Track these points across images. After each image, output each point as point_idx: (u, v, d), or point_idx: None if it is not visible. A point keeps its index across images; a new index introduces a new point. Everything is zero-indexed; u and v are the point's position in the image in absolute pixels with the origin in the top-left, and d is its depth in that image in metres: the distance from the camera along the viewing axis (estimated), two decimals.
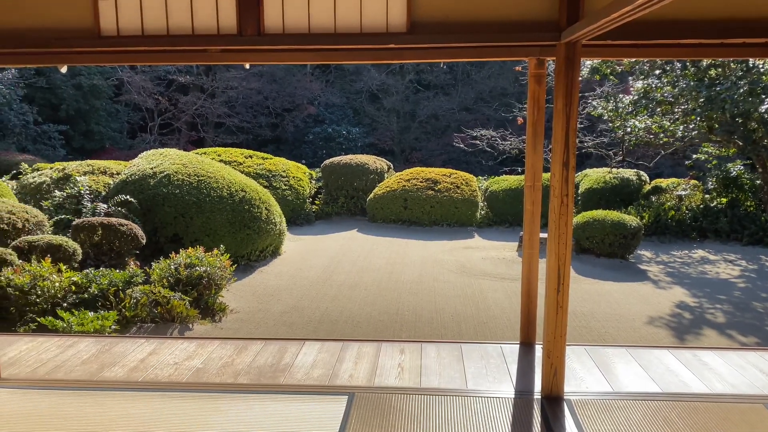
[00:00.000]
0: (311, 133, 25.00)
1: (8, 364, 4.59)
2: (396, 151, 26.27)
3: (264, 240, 10.18)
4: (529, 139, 4.72)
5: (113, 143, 24.38)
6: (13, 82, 20.69)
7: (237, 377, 4.38)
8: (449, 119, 26.22)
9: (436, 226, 13.90)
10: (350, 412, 3.83)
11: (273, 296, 8.26)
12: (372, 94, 27.35)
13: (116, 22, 3.81)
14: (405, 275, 9.34)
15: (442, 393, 4.12)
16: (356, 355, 4.75)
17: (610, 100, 13.35)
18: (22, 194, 11.26)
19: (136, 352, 4.88)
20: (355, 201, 15.25)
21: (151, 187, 9.78)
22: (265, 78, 25.86)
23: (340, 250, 11.23)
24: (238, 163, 14.33)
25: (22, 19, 3.89)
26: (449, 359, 4.69)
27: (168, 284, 7.21)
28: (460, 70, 27.56)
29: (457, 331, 6.78)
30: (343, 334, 6.66)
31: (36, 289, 6.35)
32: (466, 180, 14.56)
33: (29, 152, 19.89)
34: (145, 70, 24.40)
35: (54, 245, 7.29)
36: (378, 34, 3.74)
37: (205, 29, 3.81)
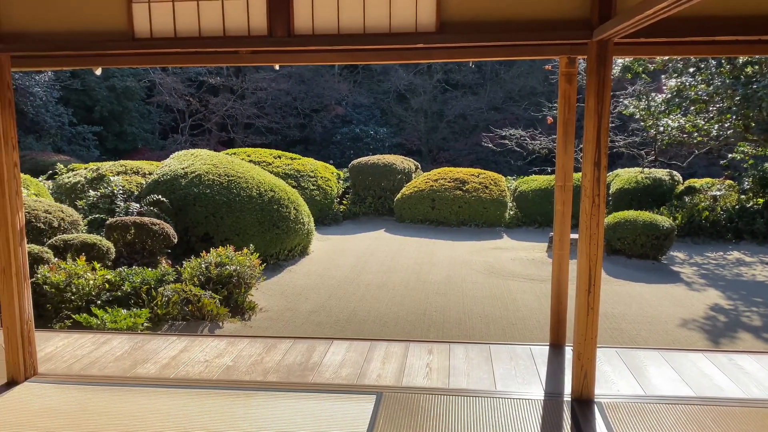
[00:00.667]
0: (339, 134, 25.11)
1: (45, 359, 4.71)
2: (423, 151, 26.23)
3: (292, 239, 10.26)
4: (560, 138, 4.67)
5: (145, 144, 24.82)
6: (49, 85, 21.20)
7: (266, 375, 4.42)
8: (477, 119, 26.07)
9: (464, 226, 13.84)
10: (378, 411, 3.83)
11: (301, 295, 8.32)
12: (399, 94, 27.35)
13: (149, 24, 3.87)
14: (433, 275, 9.32)
15: (471, 394, 4.10)
16: (384, 355, 4.75)
17: (642, 99, 13.13)
18: (58, 194, 11.54)
19: (167, 349, 4.95)
20: (383, 201, 15.27)
21: (183, 187, 9.93)
22: (293, 79, 26.06)
23: (367, 250, 11.26)
24: (267, 164, 14.47)
25: (59, 22, 3.98)
26: (478, 360, 4.66)
27: (199, 283, 7.32)
28: (488, 69, 27.39)
29: (485, 332, 6.74)
30: (371, 334, 6.67)
31: (71, 286, 6.49)
32: (494, 180, 14.47)
33: (64, 153, 20.36)
34: (177, 72, 24.78)
35: (88, 244, 7.45)
36: (407, 33, 3.74)
37: (235, 31, 3.86)
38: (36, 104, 20.47)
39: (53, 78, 21.52)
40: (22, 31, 4.00)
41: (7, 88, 4.02)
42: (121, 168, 11.87)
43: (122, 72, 23.77)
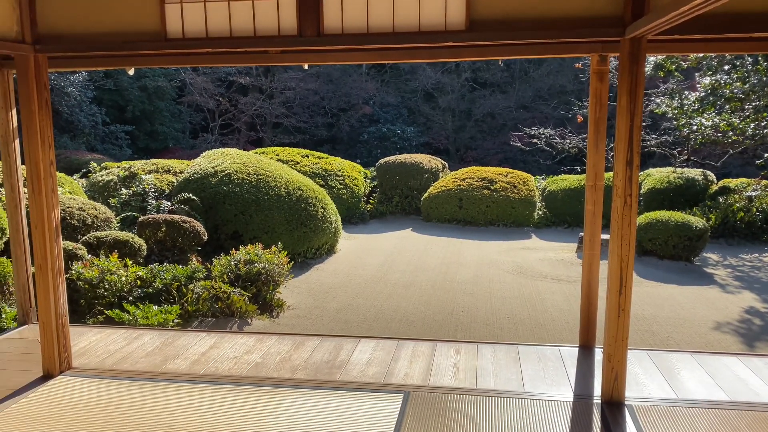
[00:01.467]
0: (366, 133, 25.15)
1: (79, 354, 4.81)
2: (451, 150, 26.12)
3: (320, 238, 10.31)
4: (591, 137, 4.61)
5: (176, 143, 25.19)
6: (83, 85, 21.65)
7: (294, 372, 4.45)
8: (506, 117, 25.87)
9: (492, 226, 13.75)
10: (406, 410, 3.83)
11: (329, 293, 8.36)
12: (427, 93, 27.28)
13: (182, 24, 3.93)
14: (460, 275, 9.28)
15: (499, 394, 4.07)
16: (411, 354, 4.75)
17: (675, 97, 12.87)
18: (91, 192, 11.77)
19: (197, 345, 5.02)
20: (410, 200, 15.25)
21: (213, 186, 10.05)
22: (321, 79, 26.18)
23: (394, 249, 11.26)
24: (295, 163, 14.56)
25: (94, 23, 4.06)
26: (506, 361, 4.63)
27: (228, 280, 7.40)
28: (517, 68, 27.16)
29: (513, 332, 6.69)
30: (398, 333, 6.68)
31: (104, 282, 6.62)
32: (523, 179, 14.34)
33: (98, 152, 20.77)
34: (207, 72, 25.09)
35: (121, 241, 7.59)
36: (436, 32, 3.73)
37: (266, 31, 3.89)
38: (71, 104, 20.92)
39: (87, 78, 21.97)
40: (59, 32, 4.09)
41: (44, 88, 4.12)
42: (153, 167, 12.06)
43: (154, 72, 24.15)
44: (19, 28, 4.03)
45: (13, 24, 4.02)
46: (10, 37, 4.00)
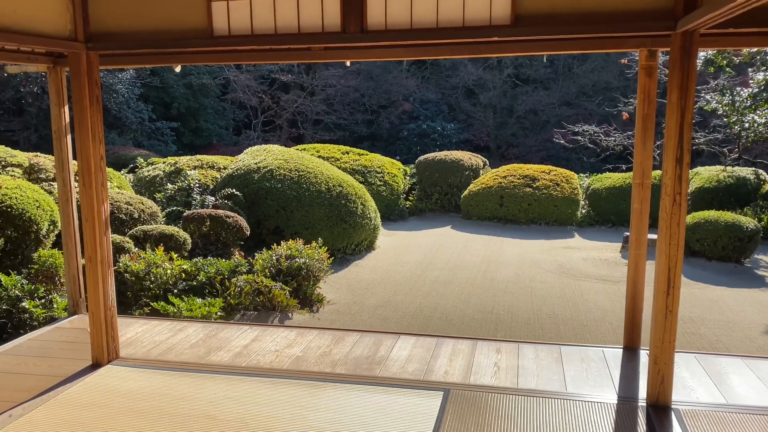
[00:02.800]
0: (406, 130, 25.11)
1: (126, 344, 4.94)
2: (492, 147, 25.86)
3: (359, 234, 10.35)
4: (638, 134, 4.50)
5: (220, 139, 25.62)
6: (131, 82, 22.21)
7: (334, 367, 4.48)
8: (549, 114, 25.47)
9: (534, 224, 13.56)
10: (446, 407, 3.82)
11: (368, 290, 8.38)
12: (468, 89, 27.05)
13: (227, 22, 3.98)
14: (500, 274, 9.19)
15: (540, 395, 4.01)
16: (451, 352, 4.72)
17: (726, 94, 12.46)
18: (138, 186, 12.08)
19: (240, 338, 5.10)
20: (449, 197, 15.17)
21: (255, 182, 10.19)
22: (362, 76, 26.25)
23: (433, 247, 11.22)
24: (335, 159, 14.65)
25: (143, 22, 4.16)
26: (547, 361, 4.56)
27: (270, 274, 7.50)
28: (561, 64, 26.70)
29: (555, 332, 6.59)
30: (437, 330, 6.65)
31: (150, 275, 6.79)
32: (566, 177, 14.10)
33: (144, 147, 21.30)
34: (250, 70, 25.43)
35: (166, 234, 7.76)
36: (481, 27, 3.68)
37: (310, 28, 3.91)
38: (119, 101, 21.49)
39: (135, 76, 22.52)
40: (110, 30, 4.20)
41: (95, 85, 4.24)
42: (198, 162, 12.30)
43: (199, 70, 24.60)
44: (72, 27, 4.15)
45: (67, 23, 4.14)
46: (64, 36, 4.12)
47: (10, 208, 6.62)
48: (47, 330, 5.31)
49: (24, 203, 6.77)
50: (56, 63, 5.13)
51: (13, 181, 7.14)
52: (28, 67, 5.45)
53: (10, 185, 6.91)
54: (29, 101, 20.19)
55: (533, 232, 12.89)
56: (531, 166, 14.73)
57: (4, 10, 3.69)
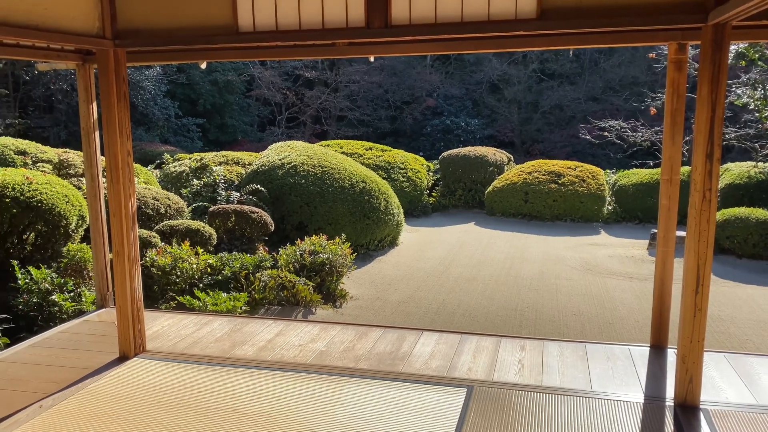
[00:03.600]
0: (429, 125, 25.02)
1: (152, 337, 5.01)
2: (516, 143, 25.65)
3: (382, 230, 10.35)
4: (667, 129, 4.42)
5: (244, 136, 25.83)
6: (157, 79, 22.49)
7: (358, 362, 4.49)
8: (574, 110, 25.16)
9: (559, 221, 13.42)
10: (469, 404, 3.80)
11: (390, 285, 8.38)
12: (492, 84, 26.85)
13: (252, 18, 4.00)
14: (525, 271, 9.12)
15: (565, 393, 3.97)
16: (475, 349, 4.70)
17: (758, 88, 12.16)
18: (165, 182, 12.23)
19: (264, 332, 5.14)
20: (473, 193, 15.09)
21: (280, 177, 10.26)
22: (385, 71, 26.21)
23: (456, 243, 11.17)
24: (358, 155, 14.66)
25: (169, 18, 4.19)
26: (572, 358, 4.52)
27: (293, 269, 7.54)
28: (587, 58, 26.35)
29: (580, 330, 6.52)
30: (460, 327, 6.63)
31: (176, 269, 6.87)
32: (592, 173, 13.92)
33: (170, 143, 21.56)
34: (274, 66, 25.57)
35: (192, 230, 7.85)
36: (506, 21, 3.64)
37: (334, 23, 3.91)
38: (146, 98, 21.78)
39: (161, 73, 22.79)
40: (137, 27, 4.25)
41: (122, 82, 4.29)
42: (223, 158, 12.41)
43: (224, 66, 24.81)
44: (101, 24, 4.21)
45: (95, 20, 4.20)
46: (92, 33, 4.18)
47: (40, 203, 6.75)
48: (76, 323, 5.40)
49: (54, 198, 6.89)
50: (85, 60, 5.20)
51: (44, 177, 7.27)
52: (57, 64, 5.53)
53: (40, 180, 7.04)
54: (59, 98, 20.57)
55: (558, 228, 12.76)
56: (556, 162, 14.58)
57: (35, 9, 3.75)
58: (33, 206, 6.69)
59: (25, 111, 21.04)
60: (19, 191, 6.69)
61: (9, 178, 6.82)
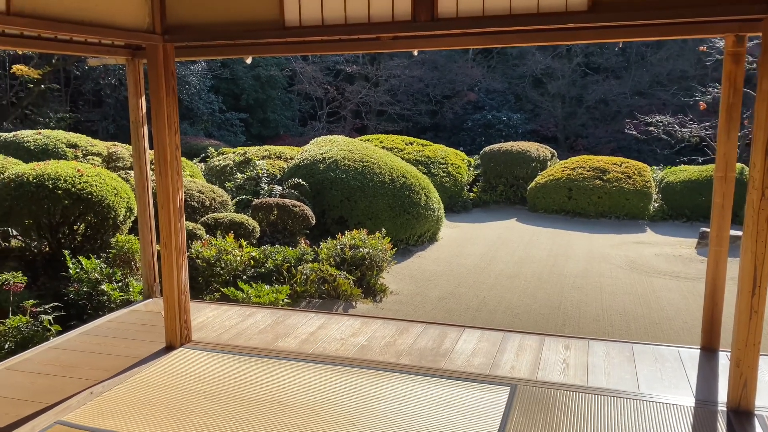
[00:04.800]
0: (470, 120, 24.80)
1: (198, 328, 5.10)
2: (559, 138, 25.21)
3: (422, 225, 10.32)
4: (722, 124, 4.26)
5: (286, 130, 26.07)
6: (202, 74, 22.87)
7: (399, 357, 4.48)
8: (620, 104, 24.57)
9: (603, 218, 13.14)
10: (513, 403, 3.75)
11: (430, 281, 8.35)
12: (535, 78, 26.42)
13: (299, 13, 4.01)
14: (568, 268, 8.96)
15: (611, 394, 3.88)
16: (518, 347, 4.64)
17: None
18: (209, 175, 12.44)
19: (306, 325, 5.18)
20: (515, 189, 14.91)
21: (321, 172, 10.32)
22: (426, 66, 26.07)
23: (498, 239, 11.06)
24: (398, 150, 14.64)
25: (217, 14, 4.24)
26: (619, 359, 4.41)
27: (334, 263, 7.58)
28: (633, 52, 25.68)
29: (625, 330, 6.38)
30: (502, 325, 6.55)
31: (220, 261, 6.98)
32: (638, 170, 13.58)
33: (214, 138, 21.91)
34: (316, 61, 25.71)
35: (236, 222, 7.96)
36: (557, 13, 3.55)
37: (380, 17, 3.88)
38: (191, 92, 22.17)
39: (206, 68, 23.17)
40: (185, 22, 4.31)
41: (171, 76, 4.37)
42: (266, 152, 12.56)
43: (267, 61, 25.06)
44: (150, 20, 4.28)
45: (145, 16, 4.28)
46: (142, 29, 4.26)
47: (90, 195, 6.94)
48: (124, 312, 5.54)
49: (103, 190, 7.08)
50: (134, 55, 5.31)
51: (94, 169, 7.48)
52: (107, 59, 5.66)
53: (90, 173, 7.25)
54: (107, 92, 21.13)
55: (603, 226, 12.50)
56: (601, 158, 14.28)
57: (88, 5, 3.84)
58: (84, 198, 6.89)
59: (76, 105, 21.69)
60: (71, 183, 6.89)
61: (61, 170, 7.03)
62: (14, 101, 19.52)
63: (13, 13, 3.31)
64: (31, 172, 6.96)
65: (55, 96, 20.88)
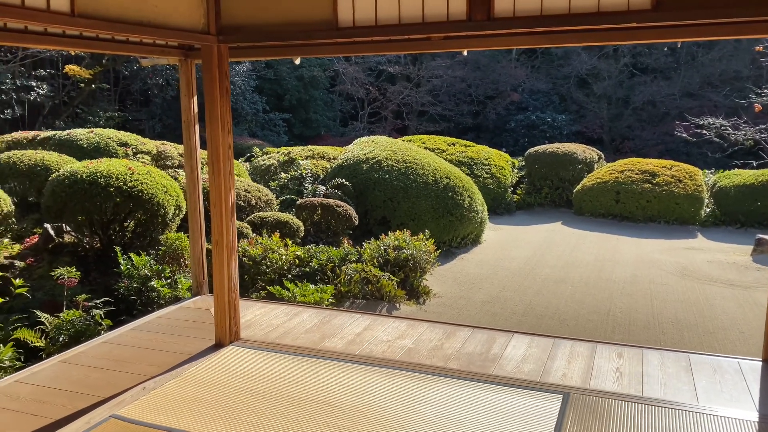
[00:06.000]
0: (513, 121, 24.50)
1: (245, 326, 5.14)
2: (605, 139, 24.68)
3: (465, 227, 10.22)
4: None
5: (327, 130, 26.22)
6: (247, 75, 23.18)
7: (447, 361, 4.43)
8: (668, 106, 23.92)
9: (652, 222, 12.79)
10: (566, 411, 3.65)
11: (474, 284, 8.26)
12: (580, 79, 25.92)
13: (352, 13, 4.00)
14: (616, 274, 8.74)
15: (668, 405, 3.75)
16: (569, 354, 4.53)
17: None
18: (254, 175, 12.59)
19: (352, 326, 5.17)
20: (560, 192, 14.65)
21: (364, 172, 10.32)
22: (469, 66, 25.86)
23: (543, 243, 10.87)
24: (441, 151, 14.55)
25: (270, 14, 4.26)
26: (675, 369, 4.26)
27: (377, 264, 7.56)
28: (684, 52, 24.95)
29: (678, 339, 6.18)
30: (549, 330, 6.43)
31: (266, 260, 7.04)
32: (689, 173, 13.18)
33: (258, 137, 22.18)
34: (358, 62, 25.78)
35: (281, 221, 8.02)
36: (618, 12, 3.45)
37: (434, 17, 3.84)
38: (235, 93, 22.47)
39: (250, 68, 23.47)
40: (239, 23, 4.34)
41: (225, 76, 4.40)
42: (309, 152, 12.64)
43: (310, 62, 25.25)
44: (206, 21, 4.33)
45: (201, 17, 4.33)
46: (198, 29, 4.31)
47: (141, 192, 7.08)
48: (173, 309, 5.63)
49: (153, 188, 7.21)
50: (187, 56, 5.38)
51: (144, 168, 7.63)
52: (160, 59, 5.75)
53: (141, 171, 7.39)
54: (155, 92, 21.59)
55: (651, 230, 12.17)
56: (651, 161, 13.91)
57: (146, 6, 3.90)
58: (134, 195, 7.03)
59: (124, 104, 22.24)
60: (123, 181, 7.04)
61: (113, 168, 7.19)
62: (66, 100, 20.15)
63: (77, 14, 3.39)
64: (85, 169, 7.13)
65: (104, 95, 21.46)
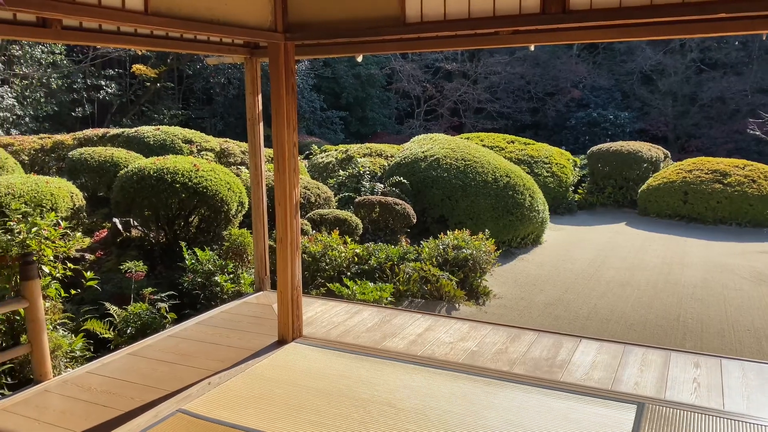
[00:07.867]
0: (573, 118, 23.89)
1: (307, 323, 5.14)
2: (670, 138, 23.77)
3: (526, 227, 10.00)
4: None
5: (383, 128, 26.24)
6: (305, 73, 23.42)
7: (512, 366, 4.30)
8: (739, 103, 22.83)
9: (722, 224, 12.21)
10: (641, 423, 3.48)
11: (535, 286, 8.06)
12: (645, 75, 25.04)
13: (420, 8, 3.92)
14: (685, 278, 8.37)
15: (753, 421, 3.53)
16: (641, 362, 4.33)
17: None
18: (312, 172, 12.68)
19: (413, 326, 5.10)
20: (624, 191, 14.17)
21: (422, 170, 10.23)
22: (528, 62, 25.36)
23: (606, 244, 10.53)
24: (500, 149, 14.30)
25: (337, 11, 4.23)
26: (758, 381, 4.01)
27: (436, 263, 7.47)
28: (756, 46, 23.75)
29: (756, 348, 5.85)
30: (615, 335, 6.20)
31: (326, 257, 7.05)
32: (764, 173, 12.52)
33: (315, 135, 22.39)
34: (415, 59, 25.67)
35: (340, 219, 8.03)
36: (706, 2, 3.25)
37: (506, 10, 3.72)
38: None
39: (308, 67, 23.71)
40: (306, 21, 4.33)
41: (291, 74, 4.41)
42: (367, 150, 12.64)
43: (367, 60, 25.31)
44: (273, 18, 4.34)
45: (268, 15, 4.34)
46: (265, 27, 4.33)
47: (205, 189, 7.21)
48: (236, 304, 5.70)
49: (217, 185, 7.34)
50: (252, 54, 5.42)
51: (208, 165, 7.77)
52: (226, 58, 5.83)
53: (205, 168, 7.53)
54: (216, 91, 22.09)
55: (722, 233, 11.62)
56: (721, 160, 13.29)
57: (216, 4, 3.93)
58: (199, 192, 7.17)
59: (187, 103, 22.85)
60: (188, 177, 7.19)
61: (179, 165, 7.35)
62: (132, 99, 20.86)
63: (150, 12, 3.44)
64: (152, 166, 7.32)
65: (168, 94, 22.09)
